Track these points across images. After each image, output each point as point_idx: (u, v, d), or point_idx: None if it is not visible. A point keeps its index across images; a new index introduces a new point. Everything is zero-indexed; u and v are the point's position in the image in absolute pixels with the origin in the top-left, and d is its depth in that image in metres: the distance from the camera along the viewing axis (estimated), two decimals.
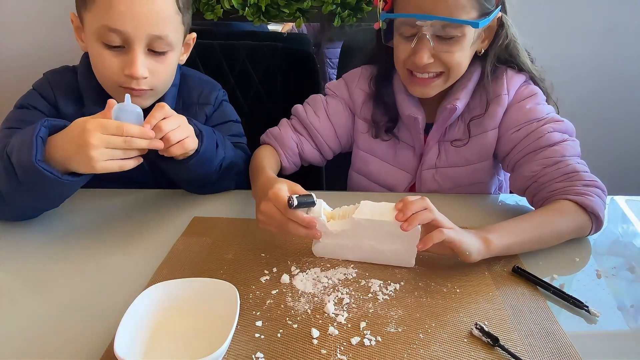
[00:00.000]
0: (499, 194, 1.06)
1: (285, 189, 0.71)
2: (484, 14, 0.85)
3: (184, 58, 0.99)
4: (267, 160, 0.95)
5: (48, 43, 1.47)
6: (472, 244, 0.70)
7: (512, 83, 0.94)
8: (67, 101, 0.95)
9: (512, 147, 0.92)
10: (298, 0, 1.34)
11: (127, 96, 0.73)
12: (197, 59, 1.30)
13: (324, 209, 0.72)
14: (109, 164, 0.71)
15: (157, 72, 0.88)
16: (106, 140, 0.69)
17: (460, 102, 0.93)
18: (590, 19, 1.46)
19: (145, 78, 0.86)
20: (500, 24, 0.90)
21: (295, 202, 0.68)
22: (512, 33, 0.92)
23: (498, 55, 0.93)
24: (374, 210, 0.71)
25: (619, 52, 1.51)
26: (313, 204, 0.70)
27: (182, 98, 1.01)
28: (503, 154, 0.95)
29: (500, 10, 0.88)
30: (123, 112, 0.72)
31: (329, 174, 1.36)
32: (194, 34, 0.99)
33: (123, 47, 0.84)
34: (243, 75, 1.34)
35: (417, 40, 0.85)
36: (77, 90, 0.95)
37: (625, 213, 0.94)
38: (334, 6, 1.34)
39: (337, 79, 1.12)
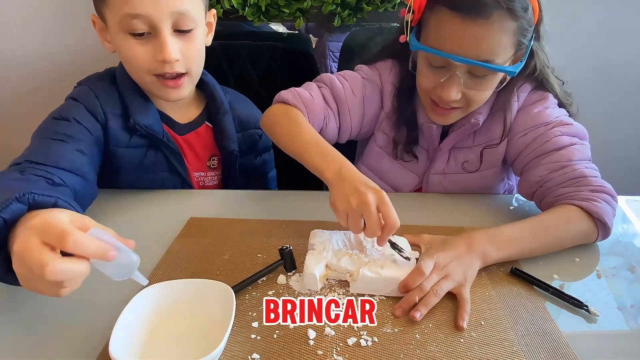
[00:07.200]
0: (510, 194, 1.05)
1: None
2: (520, 50, 0.82)
3: (209, 39, 0.97)
4: (309, 127, 0.87)
5: (63, 42, 1.47)
6: (474, 275, 0.69)
7: (522, 90, 0.92)
8: (115, 117, 0.90)
9: (520, 151, 0.90)
10: (298, 0, 1.34)
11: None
12: None
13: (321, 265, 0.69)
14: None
15: (187, 53, 0.87)
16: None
17: (482, 116, 0.91)
18: (592, 20, 1.46)
19: (178, 60, 0.86)
20: (531, 53, 0.86)
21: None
22: (541, 62, 0.89)
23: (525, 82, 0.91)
24: (371, 284, 0.67)
25: (620, 53, 1.51)
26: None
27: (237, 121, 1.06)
28: (511, 158, 0.93)
29: (534, 39, 0.84)
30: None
31: None
32: (214, 10, 0.97)
33: (150, 34, 0.84)
34: (243, 76, 1.33)
35: (448, 77, 0.82)
36: (119, 100, 0.92)
37: (625, 213, 0.93)
38: (334, 6, 1.34)
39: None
